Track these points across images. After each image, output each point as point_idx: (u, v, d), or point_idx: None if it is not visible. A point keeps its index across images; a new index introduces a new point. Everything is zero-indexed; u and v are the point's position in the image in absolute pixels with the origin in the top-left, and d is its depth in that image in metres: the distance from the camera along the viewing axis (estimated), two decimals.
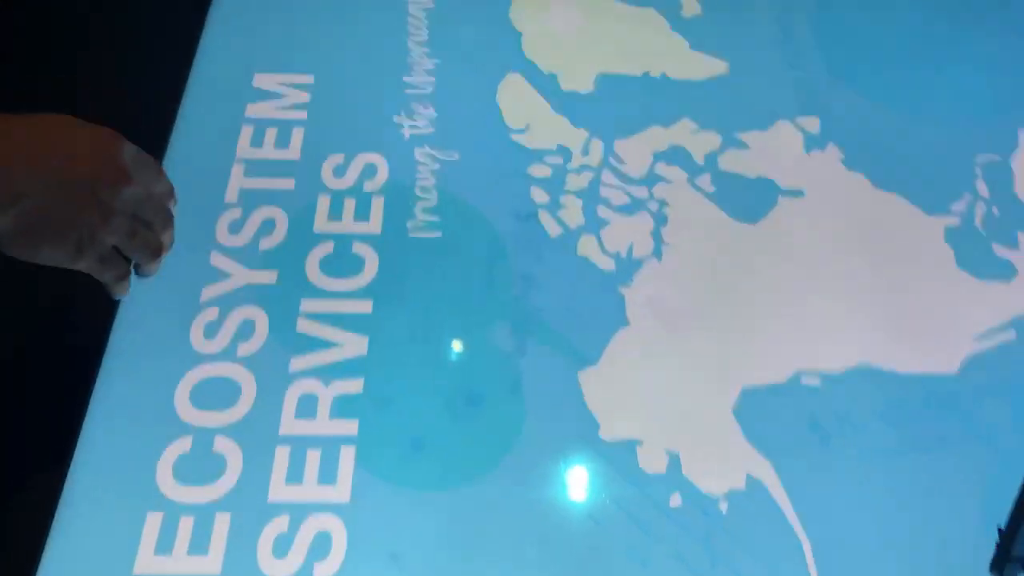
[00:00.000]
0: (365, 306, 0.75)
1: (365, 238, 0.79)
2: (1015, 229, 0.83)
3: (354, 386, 0.70)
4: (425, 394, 0.71)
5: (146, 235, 0.59)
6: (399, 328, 0.74)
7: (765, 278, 0.79)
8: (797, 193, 0.84)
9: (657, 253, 0.80)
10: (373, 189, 0.82)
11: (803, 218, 0.83)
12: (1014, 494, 0.67)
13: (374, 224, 0.80)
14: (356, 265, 0.77)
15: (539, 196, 0.83)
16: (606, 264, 0.79)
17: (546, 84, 0.92)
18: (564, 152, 0.86)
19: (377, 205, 0.81)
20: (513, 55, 0.94)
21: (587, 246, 0.80)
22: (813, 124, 0.89)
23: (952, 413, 0.71)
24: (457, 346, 0.74)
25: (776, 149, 0.87)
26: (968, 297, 0.78)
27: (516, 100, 0.90)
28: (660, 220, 0.82)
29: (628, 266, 0.79)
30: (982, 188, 0.85)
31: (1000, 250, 0.81)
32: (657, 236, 0.81)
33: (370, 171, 0.84)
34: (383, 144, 0.86)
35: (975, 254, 0.81)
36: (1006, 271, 0.80)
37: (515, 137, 0.87)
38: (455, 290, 0.76)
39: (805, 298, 0.78)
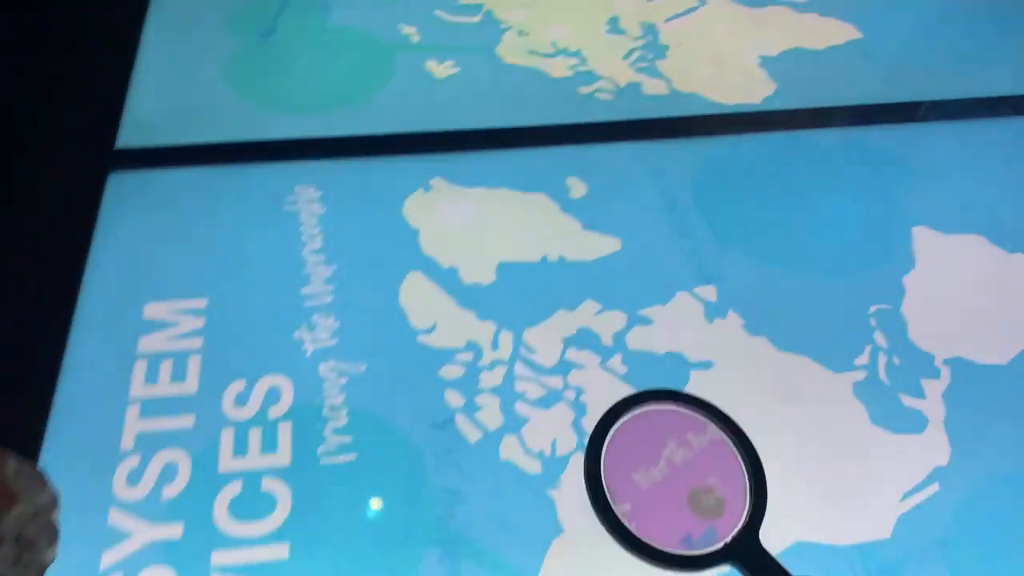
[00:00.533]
0: (281, 551, 0.70)
1: (275, 472, 0.75)
2: (917, 376, 0.85)
3: None
4: None
5: (31, 558, 0.54)
6: (320, 574, 0.69)
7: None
8: (706, 365, 0.85)
9: (582, 447, 0.78)
10: (279, 415, 0.79)
11: (715, 391, 0.83)
12: None
13: (283, 455, 0.76)
14: (267, 505, 0.73)
15: (454, 399, 0.81)
16: (531, 466, 0.77)
17: (448, 279, 0.92)
18: (474, 348, 0.85)
19: (284, 432, 0.78)
20: (412, 253, 0.94)
21: (510, 448, 0.78)
22: (710, 292, 0.92)
23: None
24: None
25: (679, 322, 0.89)
26: (888, 455, 0.79)
27: (420, 299, 0.89)
28: (579, 410, 0.81)
29: (554, 466, 0.77)
30: (880, 339, 0.88)
31: (908, 400, 0.83)
32: (578, 428, 0.80)
33: (274, 395, 0.80)
34: (285, 363, 0.83)
35: (886, 408, 0.82)
36: (917, 422, 0.81)
37: (422, 339, 0.86)
38: (377, 520, 0.72)
39: (737, 477, 0.77)
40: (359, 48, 1.20)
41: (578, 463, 0.77)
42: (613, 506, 0.71)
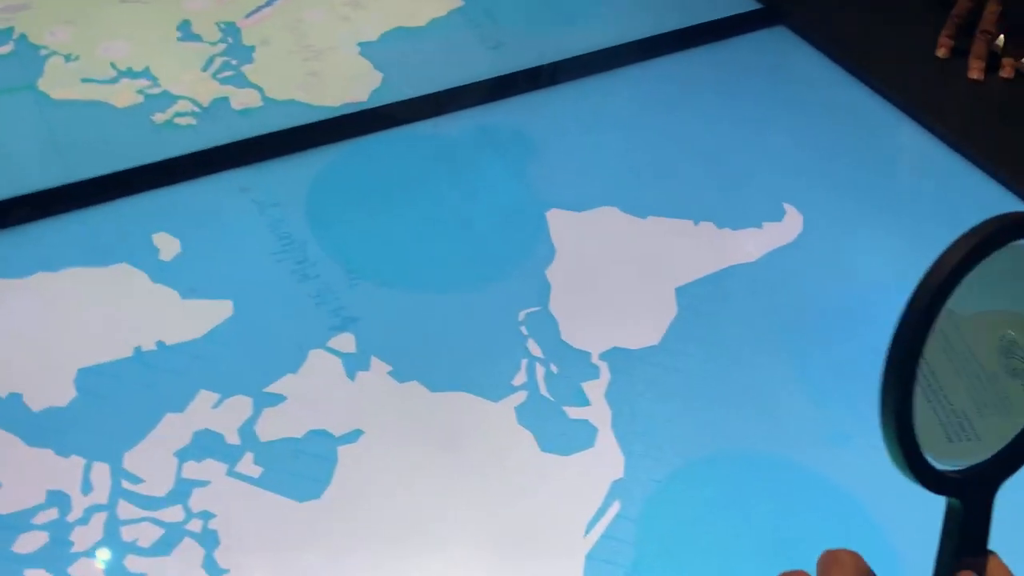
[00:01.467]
0: None
1: None
2: (578, 381, 0.80)
3: None
4: None
5: None
6: None
7: (356, 565, 0.66)
8: (354, 436, 0.73)
9: None
10: None
11: (370, 464, 0.72)
12: None
13: None
14: None
15: None
16: None
17: (10, 412, 0.71)
18: (59, 499, 0.67)
19: None
20: None
21: None
22: (348, 342, 0.79)
23: None
24: None
25: (318, 390, 0.76)
26: (562, 484, 0.72)
27: None
28: (209, 543, 0.66)
29: None
30: (534, 348, 0.81)
31: (573, 412, 0.77)
32: (212, 567, 0.65)
33: None
34: None
35: (553, 428, 0.76)
36: (587, 435, 0.76)
37: None
38: None
39: (409, 569, 0.66)
40: None
41: None
42: None
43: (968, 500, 0.26)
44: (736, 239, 0.94)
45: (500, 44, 1.13)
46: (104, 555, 0.64)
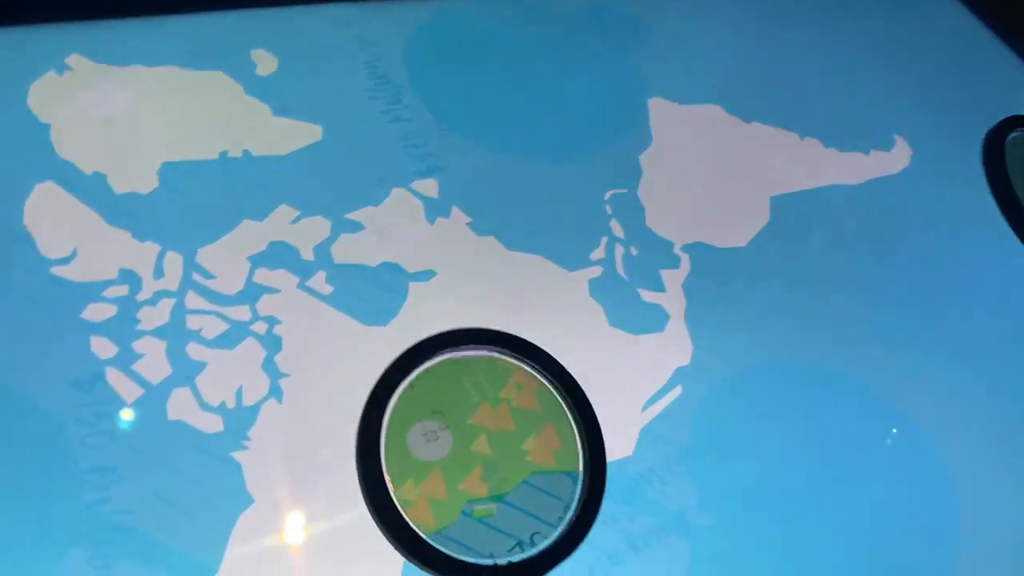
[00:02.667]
0: None
1: None
2: (656, 268, 0.77)
3: None
4: None
5: None
6: None
7: (417, 396, 0.65)
8: (427, 275, 0.72)
9: (275, 392, 0.63)
10: None
11: (440, 304, 0.71)
12: None
13: None
14: None
15: (103, 349, 0.63)
16: (211, 424, 0.61)
17: (93, 189, 0.71)
18: (130, 279, 0.67)
19: None
20: (41, 157, 0.72)
21: (181, 404, 0.62)
22: (431, 187, 0.78)
23: (637, 505, 0.64)
24: None
25: (396, 226, 0.74)
26: (627, 360, 0.71)
27: (52, 218, 0.68)
28: (272, 346, 0.66)
29: (239, 420, 0.62)
30: (616, 228, 0.79)
31: (647, 295, 0.75)
32: (271, 368, 0.64)
33: None
34: None
35: (624, 306, 0.74)
36: (658, 319, 0.74)
37: (57, 271, 0.66)
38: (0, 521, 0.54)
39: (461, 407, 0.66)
40: None
41: (270, 411, 0.62)
42: None
43: None
44: (840, 160, 0.90)
45: None
46: (167, 338, 0.64)
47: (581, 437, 0.65)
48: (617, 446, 0.66)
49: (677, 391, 0.70)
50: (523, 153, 0.83)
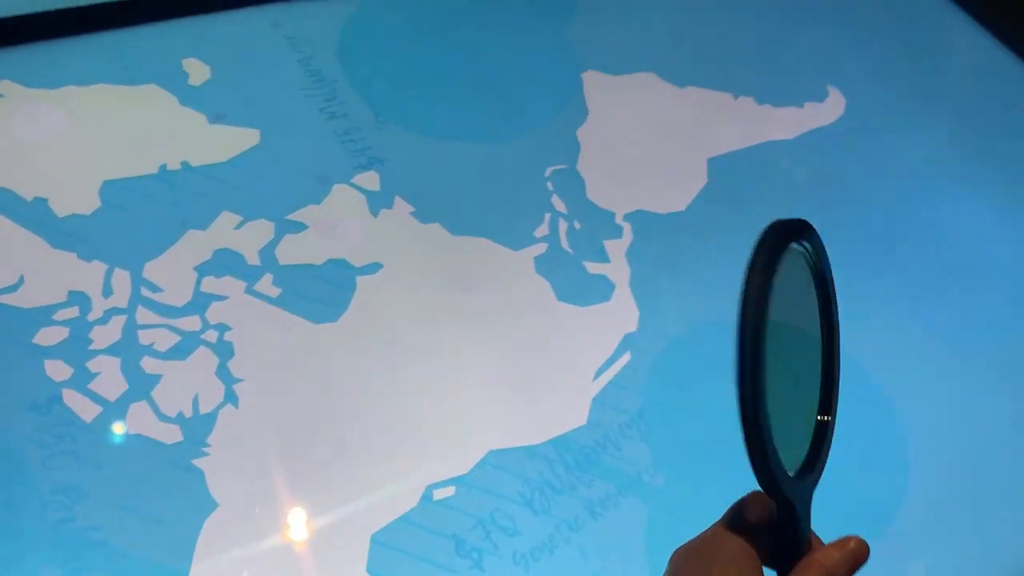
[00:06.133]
0: None
1: None
2: (600, 239, 0.79)
3: None
4: None
5: None
6: None
7: (365, 386, 0.67)
8: (373, 268, 0.73)
9: (231, 397, 0.65)
10: None
11: (388, 296, 0.72)
12: (679, 538, 0.63)
13: None
14: None
15: (58, 371, 0.64)
16: (169, 435, 0.62)
17: (35, 214, 0.72)
18: (79, 300, 0.68)
19: None
20: None
21: (139, 418, 0.63)
22: (372, 180, 0.79)
23: (593, 471, 0.65)
24: None
25: (340, 222, 0.76)
26: (576, 332, 0.73)
27: None
28: (224, 352, 0.67)
29: (199, 428, 0.63)
30: (559, 204, 0.81)
31: (592, 267, 0.77)
32: (225, 375, 0.66)
33: None
34: None
35: (570, 280, 0.76)
36: (604, 289, 0.76)
37: (5, 299, 0.67)
38: None
39: (416, 395, 0.67)
40: None
41: (228, 417, 0.63)
42: None
43: (800, 495, 0.27)
44: (775, 116, 0.91)
45: None
46: (121, 355, 0.65)
47: None
48: (571, 416, 0.68)
49: (626, 357, 0.72)
50: (462, 138, 0.84)
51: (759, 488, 0.27)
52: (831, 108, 0.93)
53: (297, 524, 0.60)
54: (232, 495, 0.60)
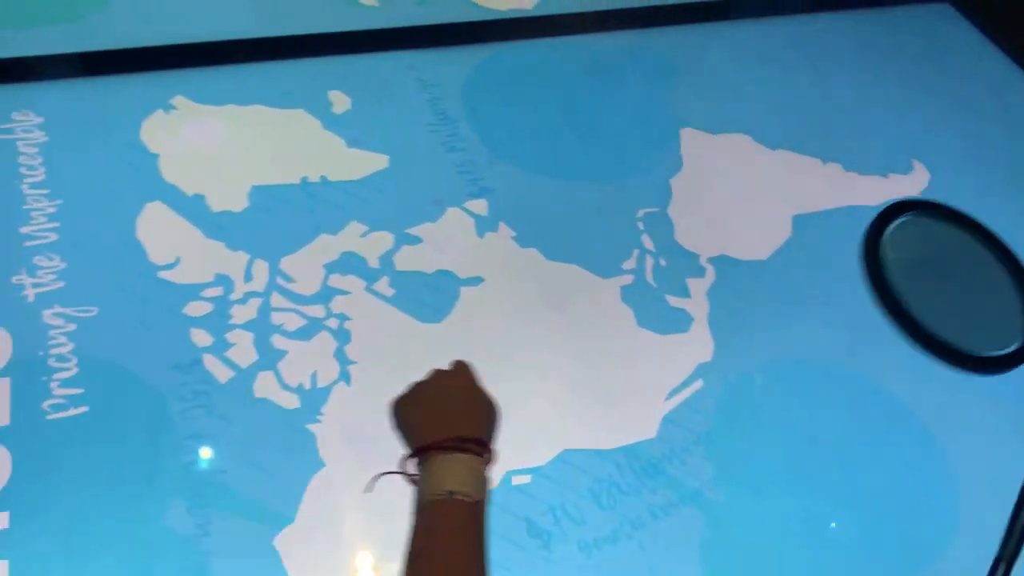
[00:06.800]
0: (0, 521, 0.62)
1: None
2: (683, 277, 0.86)
3: None
4: None
5: None
6: (46, 541, 0.61)
7: None
8: (476, 281, 0.82)
9: (345, 377, 0.74)
10: None
11: (487, 306, 0.80)
12: (731, 548, 0.68)
13: (1, 414, 0.67)
14: None
15: (201, 338, 0.74)
16: (289, 401, 0.72)
17: (194, 208, 0.83)
18: (224, 282, 0.78)
19: (2, 390, 0.68)
20: (151, 181, 0.85)
21: (265, 385, 0.72)
22: (481, 206, 0.88)
23: (658, 480, 0.71)
24: (122, 550, 0.62)
25: (450, 239, 0.85)
26: (653, 356, 0.79)
27: (160, 232, 0.81)
28: (342, 338, 0.76)
29: (314, 399, 0.72)
30: (648, 242, 0.88)
31: (674, 301, 0.84)
32: (341, 357, 0.75)
33: None
34: (2, 313, 0.73)
35: (652, 310, 0.83)
36: (683, 321, 0.82)
37: (163, 275, 0.78)
38: (113, 475, 0.65)
39: (505, 393, 0.75)
40: None
41: (340, 392, 0.72)
42: None
43: None
44: (860, 183, 0.97)
45: None
46: (254, 330, 0.75)
47: None
48: (642, 429, 0.74)
49: (698, 384, 0.78)
50: (564, 177, 0.93)
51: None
52: (916, 180, 0.98)
53: (393, 489, 0.68)
54: (338, 457, 0.69)
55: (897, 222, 0.92)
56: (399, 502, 0.65)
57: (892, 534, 0.71)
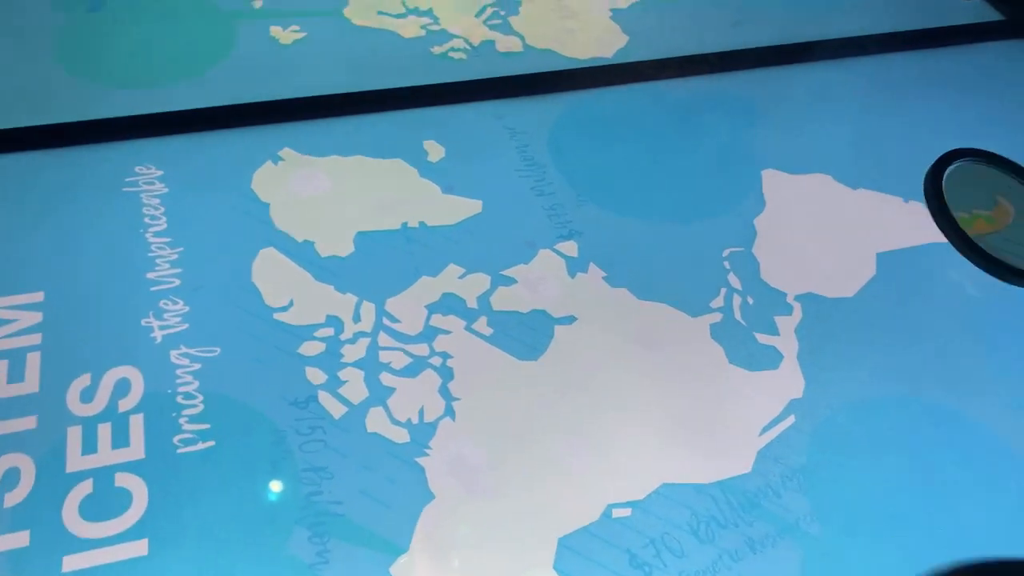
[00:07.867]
0: (140, 548, 0.67)
1: (128, 467, 0.71)
2: (770, 314, 0.88)
3: None
4: None
5: None
6: (183, 566, 0.66)
7: (559, 415, 0.78)
8: (569, 319, 0.86)
9: (450, 412, 0.78)
10: (129, 407, 0.75)
11: (581, 344, 0.84)
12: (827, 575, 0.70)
13: (136, 448, 0.73)
14: (122, 501, 0.69)
15: (315, 376, 0.79)
16: (399, 436, 0.76)
17: (303, 253, 0.89)
18: (334, 323, 0.83)
19: (136, 425, 0.74)
20: (263, 228, 0.90)
21: (376, 420, 0.77)
22: (571, 248, 0.92)
23: (755, 513, 0.73)
24: (251, 574, 0.67)
25: (543, 280, 0.89)
26: (745, 392, 0.81)
27: (274, 276, 0.86)
28: (446, 375, 0.80)
29: (422, 433, 0.76)
30: (734, 280, 0.91)
31: (763, 338, 0.86)
32: (446, 393, 0.79)
33: (123, 387, 0.76)
34: (133, 353, 0.79)
35: (742, 347, 0.85)
36: (772, 358, 0.84)
37: (279, 316, 0.83)
38: (239, 505, 0.70)
39: (601, 428, 0.78)
40: (197, 17, 1.14)
41: (446, 426, 0.76)
42: None
43: None
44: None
45: (739, 22, 1.22)
46: (364, 368, 0.80)
47: None
48: (737, 464, 0.76)
49: (790, 420, 0.80)
50: (650, 219, 0.97)
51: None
52: (1000, 216, 0.99)
53: (498, 519, 0.71)
54: (447, 489, 0.72)
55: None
56: (504, 532, 0.68)
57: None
